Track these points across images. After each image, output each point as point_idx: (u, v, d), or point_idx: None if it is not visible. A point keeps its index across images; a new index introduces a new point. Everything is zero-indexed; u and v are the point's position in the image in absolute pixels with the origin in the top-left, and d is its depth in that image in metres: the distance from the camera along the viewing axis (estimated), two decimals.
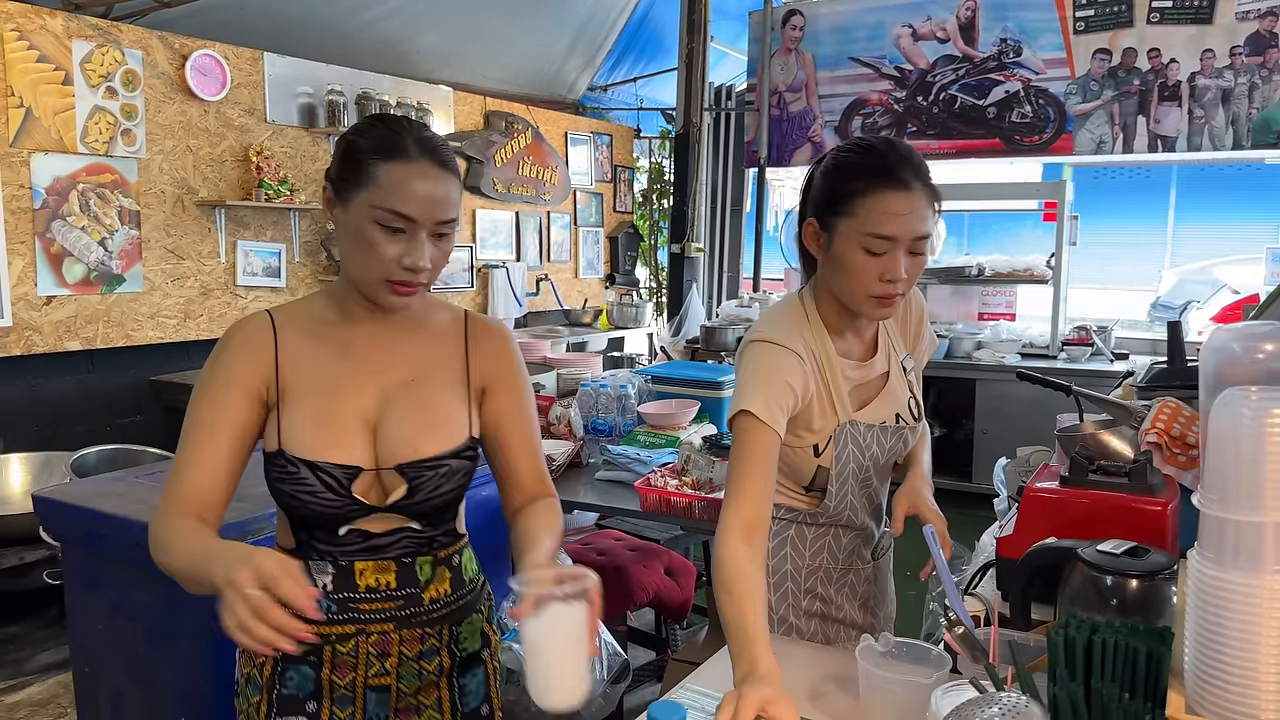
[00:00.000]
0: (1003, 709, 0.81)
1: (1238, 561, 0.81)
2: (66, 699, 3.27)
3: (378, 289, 1.30)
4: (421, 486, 1.34)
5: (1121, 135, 5.67)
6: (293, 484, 1.30)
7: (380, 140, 1.28)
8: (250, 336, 1.33)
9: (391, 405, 1.34)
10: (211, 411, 1.30)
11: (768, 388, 1.48)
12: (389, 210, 1.26)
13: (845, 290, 1.50)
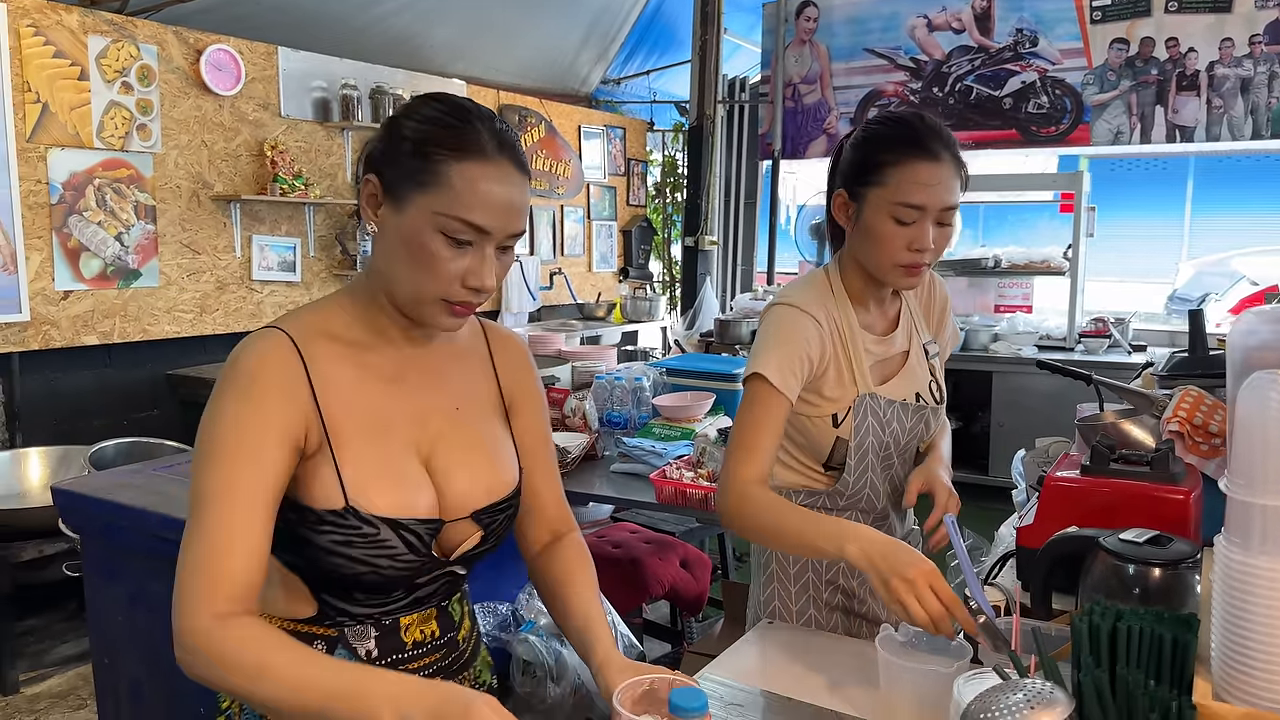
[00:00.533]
0: (1027, 695, 0.80)
1: (1265, 546, 0.80)
2: (86, 690, 3.30)
3: (431, 309, 1.10)
4: (494, 533, 1.21)
5: (1139, 126, 5.63)
6: (368, 547, 1.09)
7: (451, 132, 1.06)
8: (280, 369, 1.07)
9: (446, 442, 1.17)
10: (249, 472, 1.03)
11: (783, 352, 1.51)
12: (460, 220, 1.05)
13: (873, 260, 1.54)
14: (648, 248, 7.82)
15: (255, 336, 1.10)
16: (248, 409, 1.05)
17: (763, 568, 1.73)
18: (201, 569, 0.99)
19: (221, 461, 1.03)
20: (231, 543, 1.01)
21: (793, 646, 1.57)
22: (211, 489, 1.02)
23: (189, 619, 0.98)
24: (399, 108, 1.14)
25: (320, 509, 1.08)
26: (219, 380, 1.08)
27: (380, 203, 1.09)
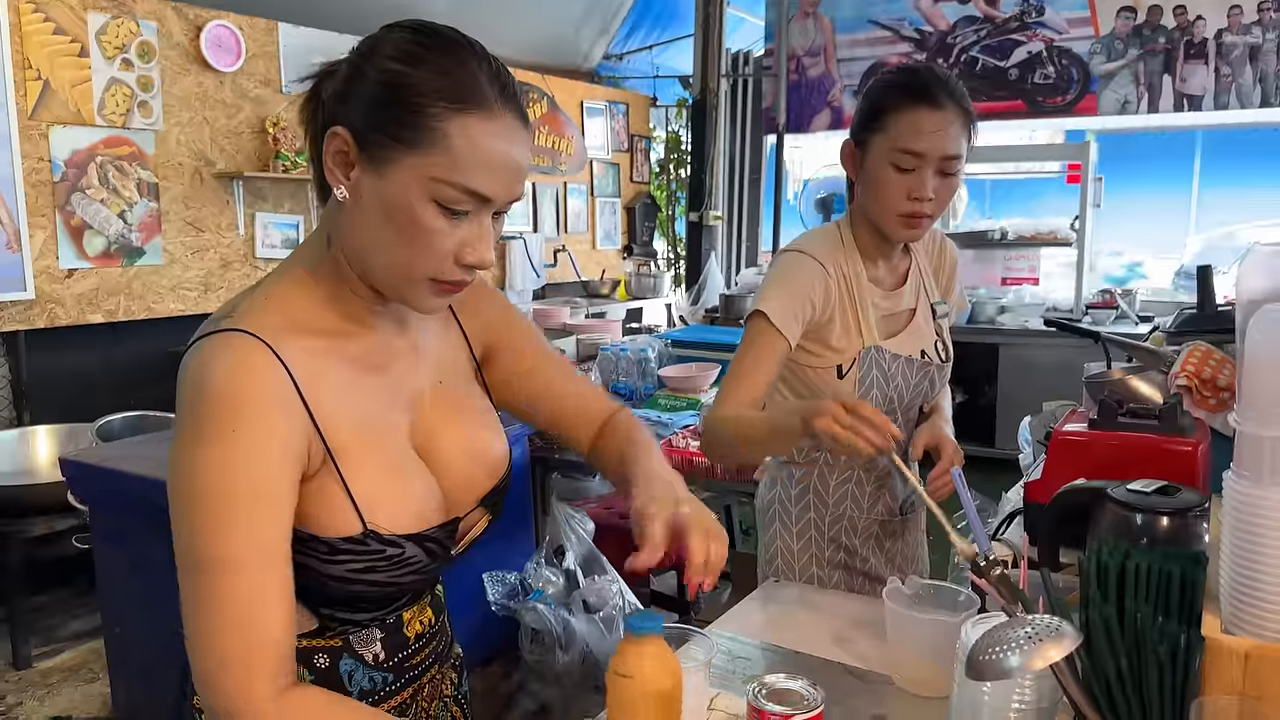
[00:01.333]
0: (1034, 629, 0.80)
1: (1275, 479, 0.79)
2: (98, 664, 3.32)
3: (417, 290, 0.93)
4: (498, 513, 1.13)
5: (1146, 95, 5.59)
6: (392, 568, 0.97)
7: (448, 78, 0.87)
8: (263, 384, 0.88)
9: (439, 423, 1.05)
10: (266, 521, 0.87)
11: (786, 293, 1.52)
12: (460, 187, 0.88)
13: (874, 209, 1.55)
14: (652, 224, 7.79)
15: (215, 346, 0.89)
16: (240, 440, 0.85)
17: (766, 527, 1.74)
18: (248, 648, 0.85)
19: (229, 513, 0.85)
20: (272, 611, 0.86)
21: (798, 603, 1.58)
22: (230, 550, 0.85)
23: (247, 706, 0.84)
24: (366, 41, 0.92)
25: (333, 537, 0.93)
26: (186, 408, 0.87)
27: (353, 163, 0.90)
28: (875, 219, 1.56)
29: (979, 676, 0.80)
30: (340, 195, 0.91)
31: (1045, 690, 0.97)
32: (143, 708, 2.34)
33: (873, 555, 1.69)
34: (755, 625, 1.48)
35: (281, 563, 0.87)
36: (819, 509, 1.67)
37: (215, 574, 0.85)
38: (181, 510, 0.86)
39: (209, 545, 0.85)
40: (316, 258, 0.99)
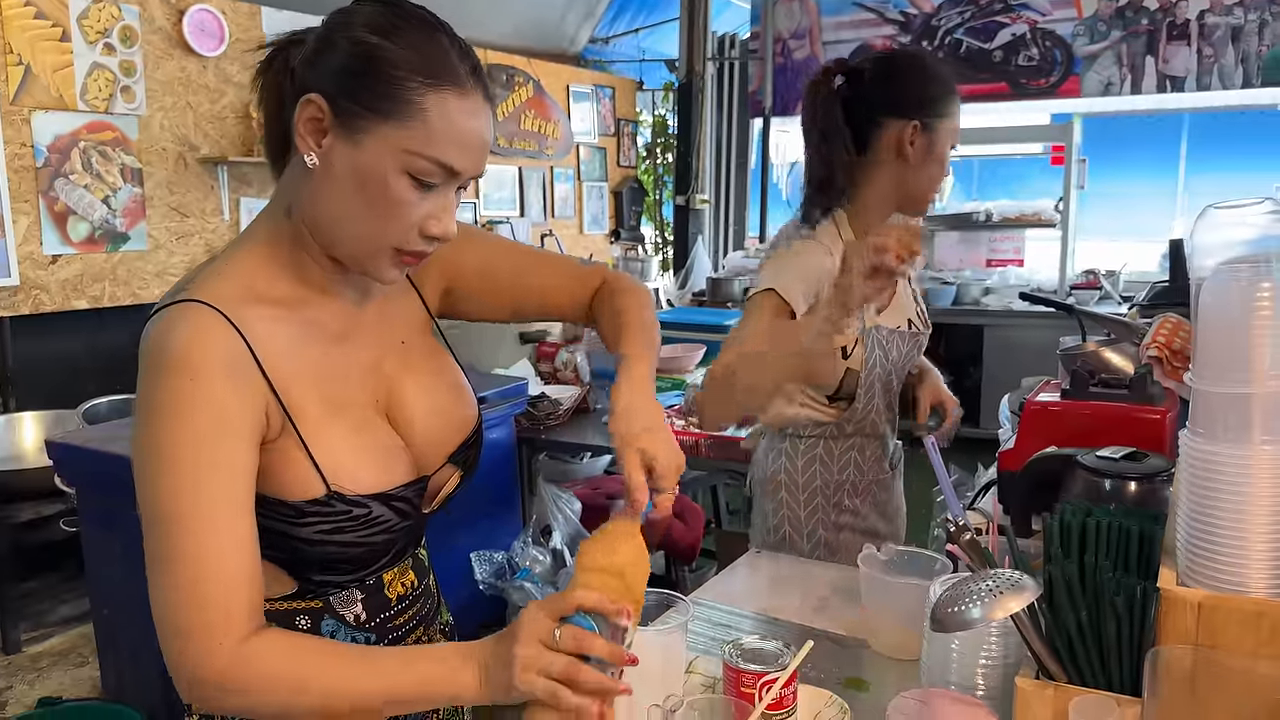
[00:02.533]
0: (996, 582, 0.83)
1: (1228, 434, 0.82)
2: (88, 649, 3.33)
3: (379, 259, 0.95)
4: (469, 468, 1.14)
5: (1130, 76, 5.61)
6: (360, 528, 0.99)
7: (424, 56, 0.90)
8: (220, 351, 0.90)
9: (404, 385, 1.07)
10: (224, 479, 0.88)
11: (797, 273, 1.57)
12: (433, 160, 0.90)
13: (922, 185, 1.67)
14: (639, 209, 7.79)
15: (172, 316, 0.90)
16: (197, 407, 0.87)
17: (770, 498, 1.78)
18: (216, 597, 0.85)
19: (187, 473, 0.86)
20: (240, 560, 0.87)
21: (780, 572, 1.61)
22: (190, 505, 0.86)
23: (208, 657, 0.85)
24: (335, 14, 0.94)
25: (297, 501, 0.95)
26: (144, 377, 0.89)
27: (325, 131, 0.90)
28: (923, 195, 1.68)
29: (943, 628, 0.83)
30: (310, 162, 0.92)
31: (1011, 646, 1.01)
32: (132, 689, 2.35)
33: (872, 513, 1.78)
34: (735, 594, 1.51)
35: (242, 518, 0.88)
36: (825, 476, 1.74)
37: (174, 527, 0.86)
38: (142, 471, 0.88)
39: (167, 501, 0.86)
40: (275, 228, 0.99)
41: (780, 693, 1.00)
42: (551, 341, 3.34)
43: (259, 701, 0.87)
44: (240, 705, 0.88)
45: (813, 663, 1.27)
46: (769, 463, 1.80)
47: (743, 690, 1.02)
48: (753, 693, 1.01)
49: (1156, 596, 0.82)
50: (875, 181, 1.66)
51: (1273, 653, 0.81)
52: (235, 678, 0.85)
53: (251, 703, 0.87)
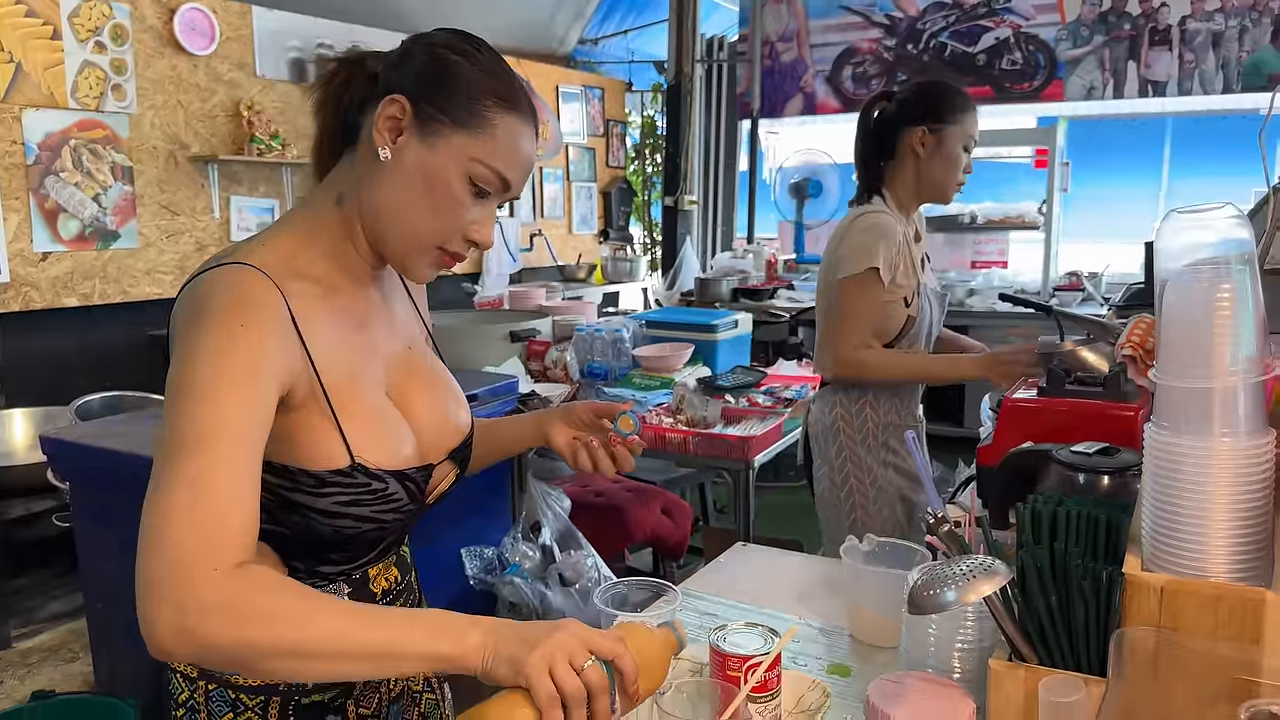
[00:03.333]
0: (969, 567, 0.87)
1: (1189, 427, 0.86)
2: (78, 644, 3.35)
3: (422, 256, 1.04)
4: (465, 469, 1.21)
5: (1112, 81, 5.68)
6: (375, 503, 1.03)
7: (504, 84, 1.02)
8: (266, 304, 0.95)
9: (411, 385, 1.13)
10: (245, 409, 0.88)
11: (886, 248, 2.04)
12: (494, 171, 1.01)
13: (945, 179, 2.13)
14: (628, 209, 7.84)
15: (222, 273, 0.96)
16: (236, 340, 0.90)
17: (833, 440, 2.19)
18: (210, 519, 0.82)
19: (213, 397, 0.87)
20: (239, 488, 0.85)
21: (766, 565, 1.65)
22: (203, 429, 0.85)
23: (202, 576, 0.79)
24: (419, 35, 1.06)
25: (320, 470, 0.99)
26: (189, 323, 0.92)
27: (402, 130, 1.00)
28: (939, 185, 2.13)
29: (919, 610, 0.87)
30: (384, 156, 1.00)
31: (986, 631, 1.05)
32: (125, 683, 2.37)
33: (907, 454, 2.14)
34: (723, 584, 1.55)
35: (247, 446, 0.87)
36: (875, 419, 2.14)
37: (183, 450, 0.84)
38: (174, 405, 0.88)
39: (182, 423, 0.86)
40: (319, 215, 1.07)
41: (764, 676, 1.04)
42: (542, 339, 3.37)
43: (257, 634, 0.79)
44: (234, 638, 0.79)
45: (797, 650, 1.32)
46: (827, 415, 2.20)
47: (728, 674, 1.05)
48: (738, 676, 1.04)
49: (1122, 581, 0.87)
50: (902, 176, 2.15)
51: (1230, 634, 0.85)
52: (234, 602, 0.79)
53: (247, 637, 0.79)
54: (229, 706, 1.08)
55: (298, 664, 0.81)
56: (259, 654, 0.80)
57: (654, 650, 0.93)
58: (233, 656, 0.81)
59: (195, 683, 1.08)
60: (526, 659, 0.82)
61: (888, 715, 0.93)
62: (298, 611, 0.81)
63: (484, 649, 0.83)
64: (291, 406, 0.97)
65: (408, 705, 1.24)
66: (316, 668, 0.82)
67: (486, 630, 0.84)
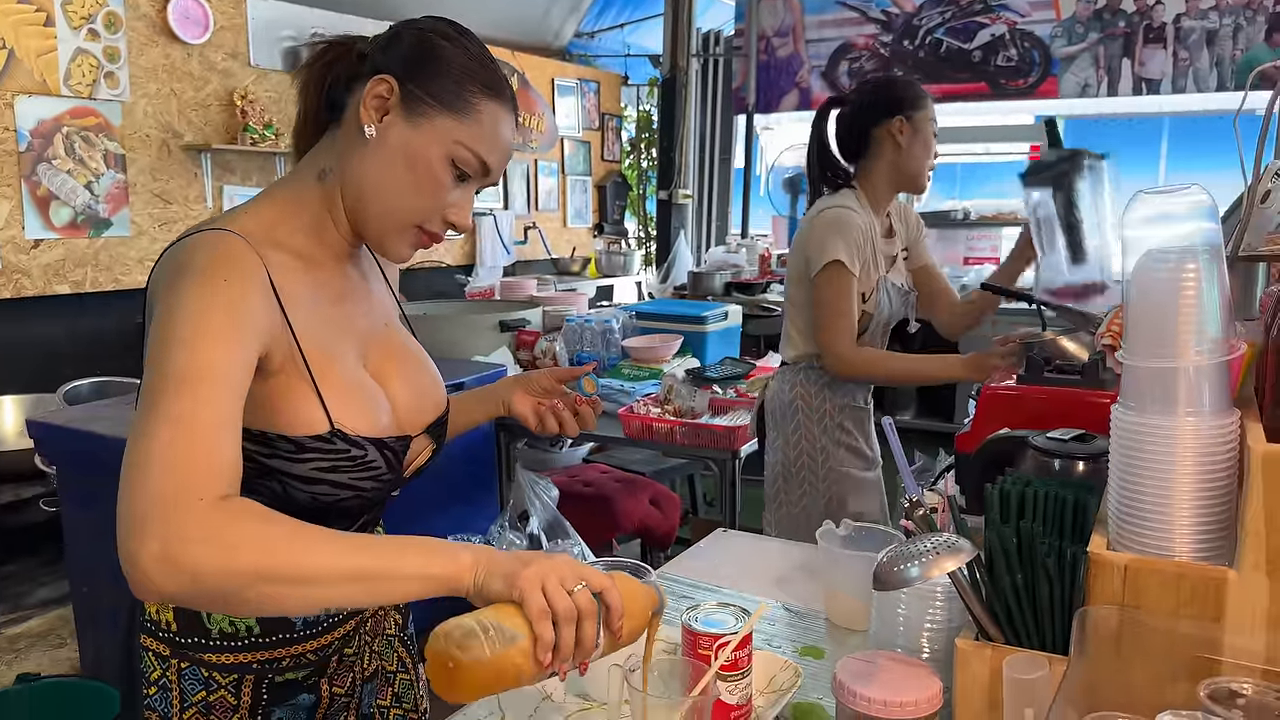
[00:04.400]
0: (934, 545, 0.87)
1: (1154, 407, 0.87)
2: (65, 631, 3.35)
3: (400, 234, 1.06)
4: (442, 445, 1.22)
5: (1106, 78, 5.68)
6: (354, 470, 1.04)
7: (480, 65, 1.05)
8: (247, 266, 0.96)
9: (388, 360, 1.14)
10: (230, 353, 0.89)
11: (849, 241, 2.08)
12: (476, 154, 1.04)
13: (916, 166, 2.18)
14: (623, 203, 7.83)
15: (204, 238, 0.97)
16: (218, 294, 0.91)
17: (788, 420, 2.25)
18: (195, 454, 0.81)
19: (194, 344, 0.87)
20: (222, 427, 0.84)
21: (744, 549, 1.66)
22: (185, 371, 0.85)
23: (186, 506, 0.78)
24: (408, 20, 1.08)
25: (300, 436, 0.99)
26: (169, 278, 0.94)
27: (388, 110, 1.02)
28: (913, 173, 2.18)
29: (883, 586, 0.88)
30: (369, 133, 1.02)
31: (955, 611, 1.06)
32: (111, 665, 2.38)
33: (859, 434, 2.25)
34: (701, 569, 1.56)
35: (231, 389, 0.87)
36: (832, 400, 2.22)
37: (166, 391, 0.84)
38: (154, 356, 0.88)
39: (164, 367, 0.86)
40: (301, 190, 1.08)
41: (734, 655, 1.05)
42: (531, 330, 3.37)
43: (244, 561, 0.78)
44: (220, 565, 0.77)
45: (771, 632, 1.32)
46: (787, 393, 2.26)
47: (699, 652, 1.06)
48: (709, 654, 1.05)
49: (1086, 560, 0.87)
50: (877, 170, 2.20)
51: (1192, 613, 0.85)
52: (221, 531, 0.78)
53: (237, 562, 0.77)
54: (202, 685, 1.08)
55: (288, 589, 0.80)
56: (247, 580, 0.78)
57: (638, 598, 0.94)
58: (220, 587, 0.78)
59: (168, 661, 1.09)
60: (520, 573, 0.84)
61: (854, 692, 0.94)
62: (287, 536, 0.81)
63: (476, 566, 0.85)
64: (270, 372, 0.98)
65: (381, 685, 1.24)
66: (308, 593, 0.81)
67: (478, 551, 0.86)
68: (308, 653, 1.12)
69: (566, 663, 0.86)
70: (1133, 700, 0.80)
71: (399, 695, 1.27)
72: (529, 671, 0.84)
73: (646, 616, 0.96)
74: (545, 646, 0.83)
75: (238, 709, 1.09)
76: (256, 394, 0.95)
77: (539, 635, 0.83)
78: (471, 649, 0.81)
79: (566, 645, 0.84)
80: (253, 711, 1.09)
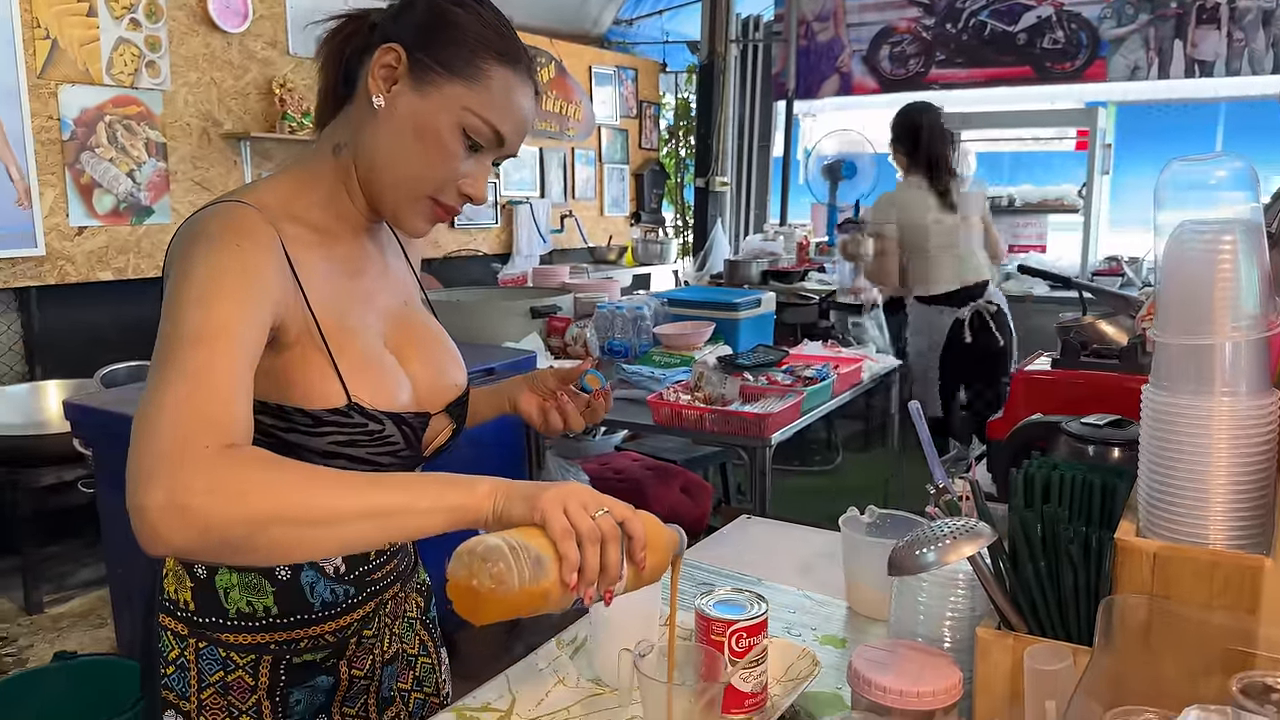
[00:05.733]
0: (953, 530, 0.84)
1: (1188, 386, 0.82)
2: (106, 611, 3.41)
3: (415, 206, 1.03)
4: (462, 427, 1.20)
5: (1157, 60, 5.53)
6: (372, 444, 1.03)
7: (494, 32, 1.02)
8: (262, 236, 0.95)
9: (407, 338, 1.13)
10: (244, 313, 0.88)
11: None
12: (487, 122, 1.00)
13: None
14: (660, 191, 7.79)
15: (219, 210, 0.96)
16: (233, 257, 0.90)
17: None
18: (206, 406, 0.80)
19: (208, 302, 0.86)
20: (234, 383, 0.83)
21: (768, 536, 1.62)
22: (199, 330, 0.84)
23: (194, 453, 0.76)
24: None
25: (317, 409, 0.98)
26: (184, 247, 0.93)
27: (397, 79, 1.00)
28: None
29: (899, 571, 0.84)
30: (378, 104, 1.00)
31: (978, 600, 1.02)
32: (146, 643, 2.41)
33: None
34: (724, 556, 1.53)
35: (248, 353, 0.87)
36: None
37: (180, 348, 0.83)
38: (169, 312, 0.87)
39: (177, 326, 0.85)
40: (317, 164, 1.07)
41: (748, 641, 1.02)
42: (562, 316, 3.36)
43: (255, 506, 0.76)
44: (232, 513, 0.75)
45: (792, 620, 1.29)
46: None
47: (712, 638, 1.03)
48: (722, 640, 1.03)
49: (1112, 547, 0.83)
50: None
51: (1226, 603, 0.81)
52: (228, 479, 0.76)
53: (248, 508, 0.76)
54: (219, 665, 1.08)
55: (301, 531, 0.78)
56: (260, 525, 0.76)
57: (660, 533, 0.92)
58: (231, 535, 0.76)
59: (185, 640, 1.08)
60: (541, 495, 0.82)
61: (870, 681, 0.91)
62: (298, 479, 0.79)
63: (495, 493, 0.84)
64: (285, 344, 0.97)
65: (402, 668, 1.23)
66: (322, 534, 0.79)
67: (495, 480, 0.85)
68: (326, 634, 1.11)
69: (591, 587, 0.83)
70: (1160, 694, 0.76)
71: (420, 679, 1.26)
72: (555, 594, 0.81)
73: (669, 554, 0.93)
74: (571, 566, 0.80)
75: (255, 690, 1.08)
76: (272, 367, 0.95)
77: (564, 554, 0.80)
78: (498, 569, 0.78)
79: (591, 567, 0.82)
80: (270, 692, 1.09)
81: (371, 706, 1.19)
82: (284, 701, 1.09)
